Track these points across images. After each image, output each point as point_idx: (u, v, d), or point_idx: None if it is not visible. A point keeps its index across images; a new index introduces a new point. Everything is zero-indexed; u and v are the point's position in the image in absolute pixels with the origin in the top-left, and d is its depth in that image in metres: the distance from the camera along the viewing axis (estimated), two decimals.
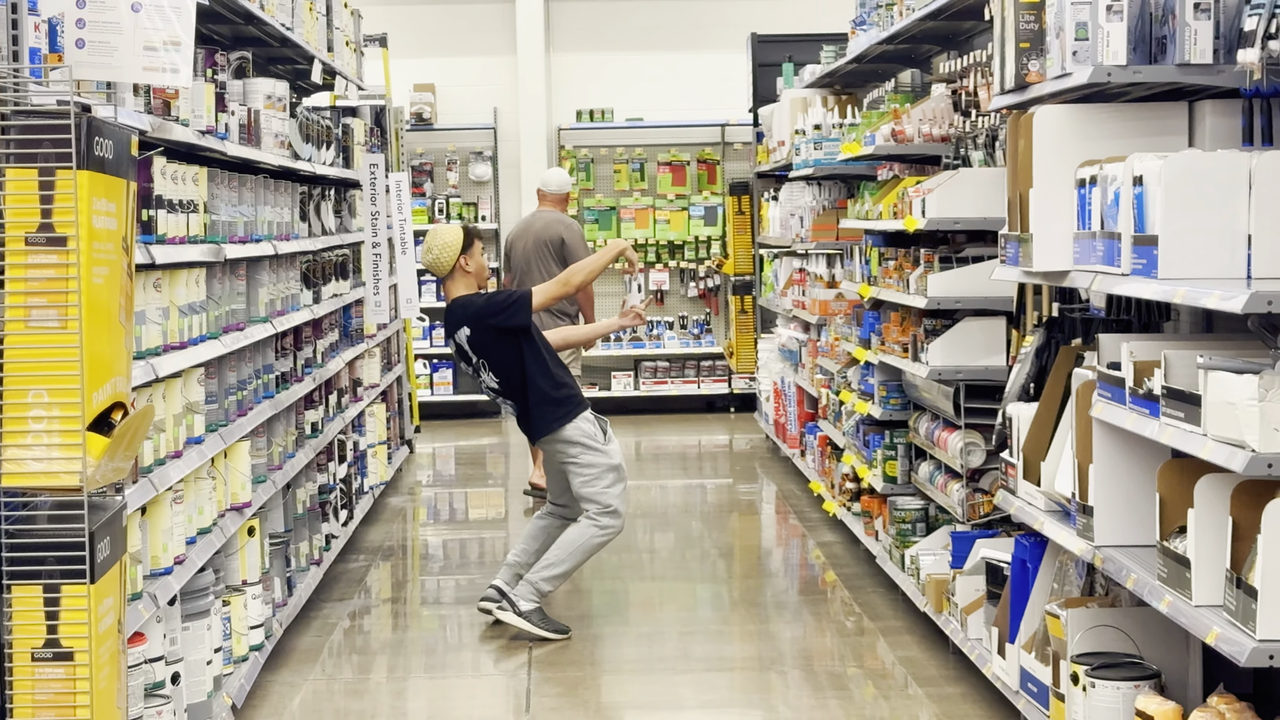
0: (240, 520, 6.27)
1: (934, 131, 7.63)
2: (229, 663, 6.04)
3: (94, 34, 4.28)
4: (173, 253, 5.37)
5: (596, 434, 7.51)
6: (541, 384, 7.44)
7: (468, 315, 7.44)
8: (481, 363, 7.50)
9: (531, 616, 7.39)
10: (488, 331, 7.40)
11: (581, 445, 7.47)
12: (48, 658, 3.95)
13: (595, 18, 15.43)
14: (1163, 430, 4.35)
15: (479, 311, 7.42)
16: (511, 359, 7.43)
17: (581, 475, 7.48)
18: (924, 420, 7.57)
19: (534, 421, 7.53)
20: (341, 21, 10.26)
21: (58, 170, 3.89)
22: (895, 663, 6.86)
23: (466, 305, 7.47)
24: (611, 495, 7.47)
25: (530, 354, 7.42)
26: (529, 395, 7.45)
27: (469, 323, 7.43)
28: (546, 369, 7.46)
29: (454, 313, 7.53)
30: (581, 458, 7.48)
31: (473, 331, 7.43)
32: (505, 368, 7.45)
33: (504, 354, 7.43)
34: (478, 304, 7.45)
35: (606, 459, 7.49)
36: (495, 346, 7.43)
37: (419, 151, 15.39)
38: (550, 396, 7.45)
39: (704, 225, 15.36)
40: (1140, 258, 4.55)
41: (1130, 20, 4.84)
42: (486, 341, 7.43)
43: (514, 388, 7.49)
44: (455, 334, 7.52)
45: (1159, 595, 4.43)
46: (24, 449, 3.90)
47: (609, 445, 7.54)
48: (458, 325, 7.49)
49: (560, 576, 7.50)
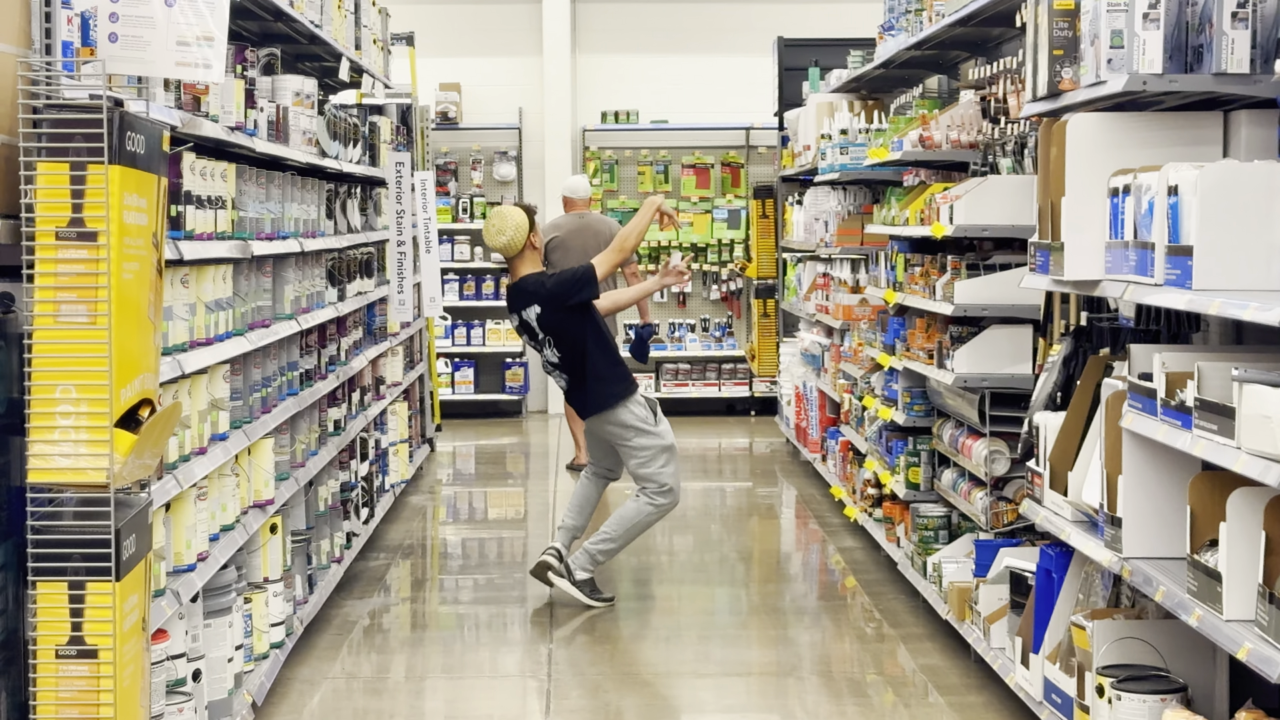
0: (263, 517, 6.25)
1: (962, 138, 7.59)
2: (250, 660, 6.03)
3: (127, 28, 4.26)
4: (200, 249, 5.36)
5: (648, 416, 7.96)
6: (600, 362, 7.91)
7: (540, 295, 7.86)
8: (548, 339, 7.93)
9: (583, 586, 7.91)
10: (559, 310, 7.84)
11: (635, 429, 7.93)
12: (72, 655, 3.93)
13: (621, 19, 15.41)
14: (1195, 442, 4.31)
15: (551, 291, 7.85)
16: (577, 335, 7.89)
17: (637, 457, 7.96)
18: (948, 427, 7.54)
19: (589, 397, 7.95)
20: (369, 20, 10.26)
21: (89, 165, 3.88)
22: (916, 670, 6.83)
23: (539, 285, 7.88)
24: (666, 474, 7.95)
25: (593, 332, 7.92)
26: (587, 371, 7.91)
27: (540, 302, 7.86)
28: (606, 348, 7.95)
29: (524, 291, 7.92)
30: (635, 440, 7.94)
31: (543, 309, 7.86)
32: (570, 343, 7.90)
33: (570, 330, 7.89)
34: (549, 285, 7.87)
35: (659, 440, 7.96)
36: (563, 323, 7.87)
37: (444, 150, 15.38)
38: (606, 375, 7.91)
39: (727, 228, 15.33)
40: (1174, 268, 4.51)
41: (1167, 28, 4.80)
42: (556, 319, 7.87)
43: (574, 363, 7.93)
44: (523, 311, 7.93)
45: (1189, 609, 4.39)
46: (51, 445, 3.88)
47: (660, 426, 7.99)
48: (527, 303, 7.90)
49: (615, 550, 8.04)
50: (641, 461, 7.98)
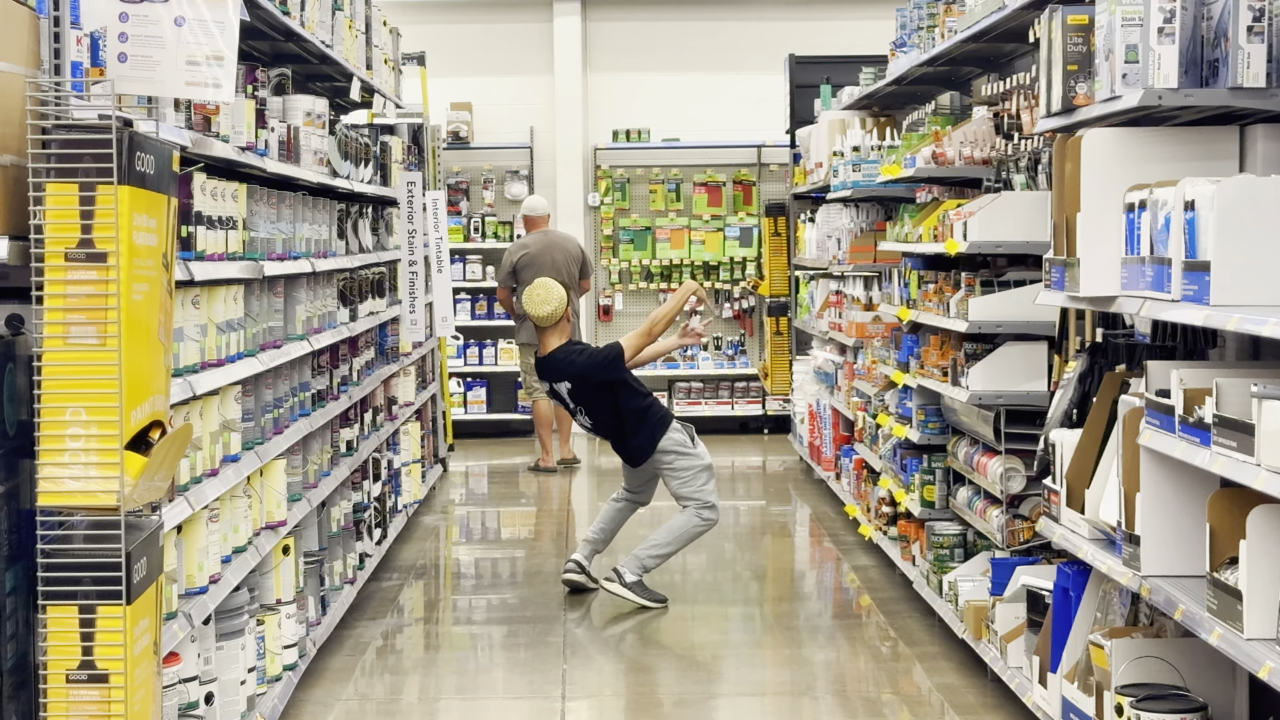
0: (275, 539, 6.23)
1: (975, 154, 7.56)
2: (262, 682, 6.00)
3: (136, 48, 4.25)
4: (211, 269, 5.34)
5: (685, 440, 8.47)
6: (633, 420, 8.42)
7: (570, 373, 8.42)
8: (579, 408, 8.54)
9: (634, 588, 8.33)
10: (587, 386, 8.40)
11: (675, 453, 8.45)
12: (82, 679, 3.91)
13: (633, 38, 15.40)
14: (1214, 459, 4.28)
15: (581, 370, 8.39)
16: (606, 401, 8.44)
17: (679, 478, 8.47)
18: (963, 445, 7.50)
19: (632, 452, 8.52)
20: (380, 39, 10.25)
21: (98, 185, 3.86)
22: (932, 689, 6.78)
23: (569, 363, 8.42)
24: (707, 492, 8.47)
25: (622, 394, 8.43)
26: (625, 432, 8.46)
27: (570, 379, 8.43)
28: (635, 402, 8.44)
29: (555, 366, 8.47)
30: (676, 463, 8.45)
31: (573, 386, 8.44)
32: (601, 411, 8.48)
33: (600, 400, 8.45)
34: (579, 363, 8.40)
35: (698, 461, 8.47)
36: (592, 396, 8.45)
37: (455, 170, 15.38)
38: (641, 428, 8.42)
39: (739, 246, 15.31)
40: (1191, 283, 4.47)
41: (1182, 42, 4.77)
42: (585, 393, 8.45)
43: (608, 426, 8.52)
44: (555, 384, 8.52)
45: (1208, 627, 4.35)
46: (61, 467, 3.86)
47: (697, 449, 8.51)
48: (559, 378, 8.48)
49: (664, 556, 8.49)
50: (683, 482, 8.46)
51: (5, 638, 3.86)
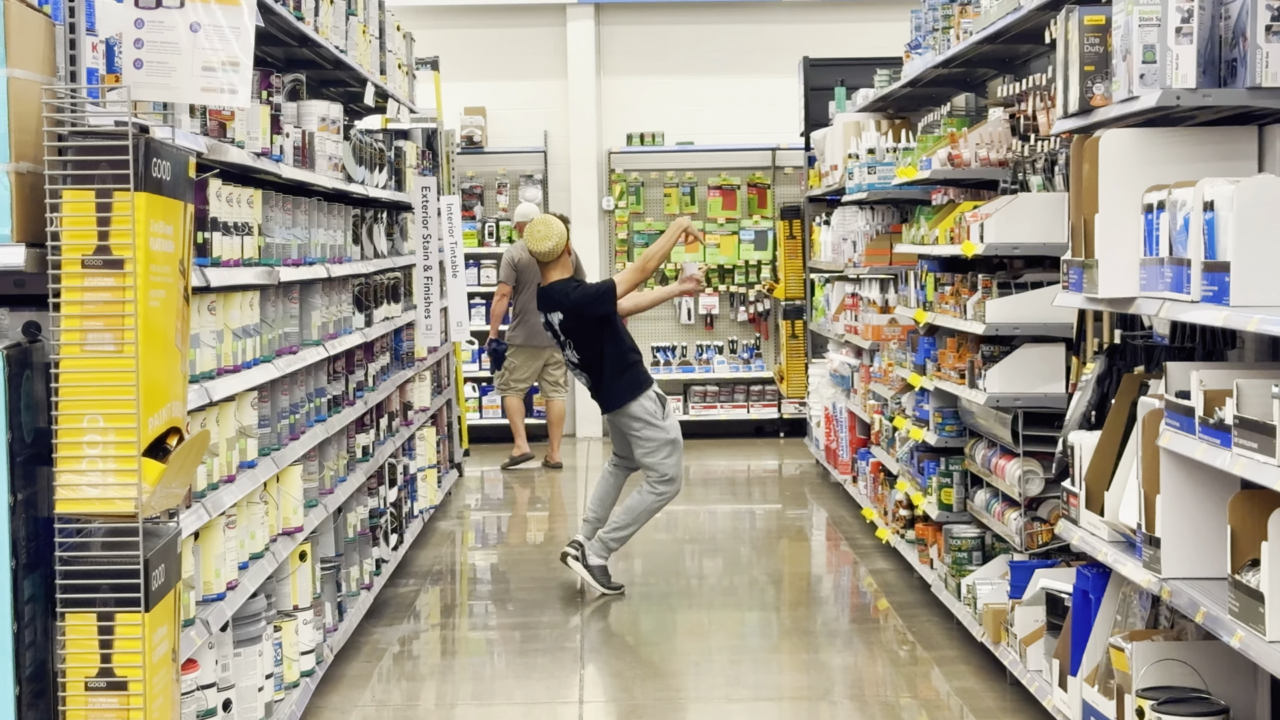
0: (292, 545, 6.22)
1: (991, 156, 7.54)
2: (280, 689, 5.99)
3: (152, 54, 4.23)
4: (227, 275, 5.33)
5: (657, 410, 8.69)
6: (614, 364, 8.66)
7: (565, 303, 8.66)
8: (569, 341, 8.75)
9: (595, 571, 8.64)
10: (579, 318, 8.64)
11: (643, 421, 8.67)
12: (101, 687, 3.89)
13: (646, 41, 15.39)
14: (1235, 461, 4.25)
15: (574, 301, 8.64)
16: (593, 340, 8.66)
17: (642, 446, 8.71)
18: (980, 447, 7.47)
19: (605, 395, 8.74)
20: (394, 44, 10.25)
21: (115, 192, 3.85)
22: (950, 693, 6.76)
23: (564, 294, 8.69)
24: (668, 465, 8.70)
25: (609, 337, 8.67)
26: (604, 372, 8.68)
27: (564, 309, 8.68)
28: (621, 352, 8.69)
29: (551, 296, 8.75)
30: (643, 432, 8.68)
31: (565, 317, 8.69)
32: (588, 347, 8.69)
33: (588, 336, 8.67)
34: (572, 296, 8.66)
35: (664, 434, 8.69)
36: (582, 329, 8.67)
37: (469, 174, 15.38)
38: (620, 375, 8.66)
39: (754, 249, 15.29)
40: (1211, 284, 4.45)
41: (1200, 42, 4.75)
42: (576, 325, 8.67)
43: (591, 364, 8.72)
44: (548, 314, 8.79)
45: (1230, 630, 4.32)
46: (79, 475, 3.84)
47: (667, 421, 8.73)
48: (553, 308, 8.74)
49: (626, 537, 8.75)
50: (647, 451, 8.70)
51: (24, 646, 3.85)
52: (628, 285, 8.65)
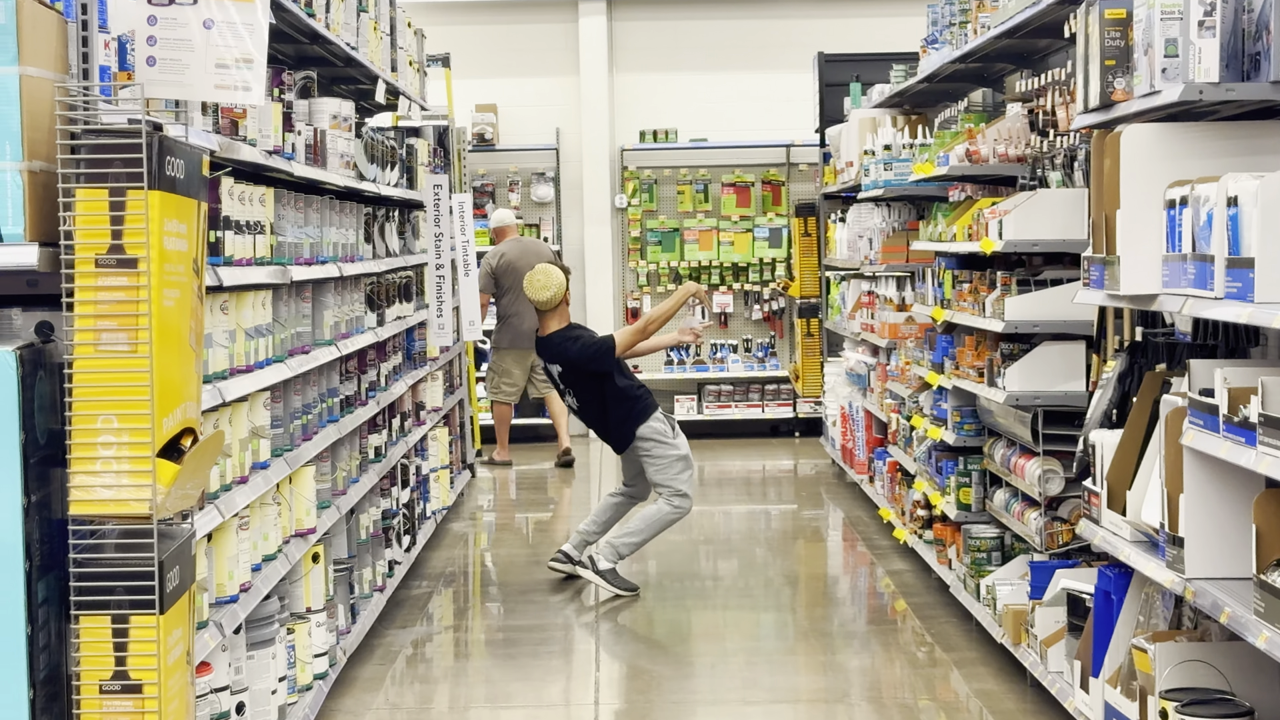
0: (305, 546, 6.18)
1: (1010, 151, 7.48)
2: (293, 692, 5.95)
3: (165, 51, 4.20)
4: (240, 274, 5.29)
5: (666, 430, 8.83)
6: (617, 410, 8.80)
7: (564, 357, 8.83)
8: (569, 390, 8.95)
9: (607, 575, 8.74)
10: (578, 372, 8.80)
11: (654, 441, 8.80)
12: (116, 690, 3.86)
13: (659, 37, 15.34)
14: (1260, 459, 4.20)
15: (573, 358, 8.79)
16: (594, 390, 8.83)
17: (655, 465, 8.82)
18: (999, 446, 7.41)
19: (614, 439, 8.92)
20: (405, 41, 10.21)
21: (128, 190, 3.81)
22: (970, 695, 6.71)
23: (563, 349, 8.83)
24: (681, 481, 8.82)
25: (610, 388, 8.79)
26: (608, 419, 8.85)
27: (562, 363, 8.84)
28: (621, 395, 8.80)
29: (551, 348, 8.89)
30: (654, 451, 8.81)
31: (564, 370, 8.86)
32: (588, 397, 8.87)
33: (588, 387, 8.84)
34: (572, 350, 8.79)
35: (675, 451, 8.83)
36: (582, 382, 8.85)
37: (481, 172, 15.33)
38: (625, 419, 8.79)
39: (769, 247, 15.24)
40: (1235, 280, 4.40)
41: (1223, 36, 4.70)
42: (575, 378, 8.85)
43: (594, 413, 8.90)
44: (549, 365, 8.96)
45: (1256, 630, 4.27)
46: (93, 476, 3.81)
47: (677, 439, 8.87)
48: (553, 360, 8.91)
49: (637, 544, 8.86)
50: (659, 469, 8.82)
51: (38, 648, 3.81)
52: (625, 346, 8.80)
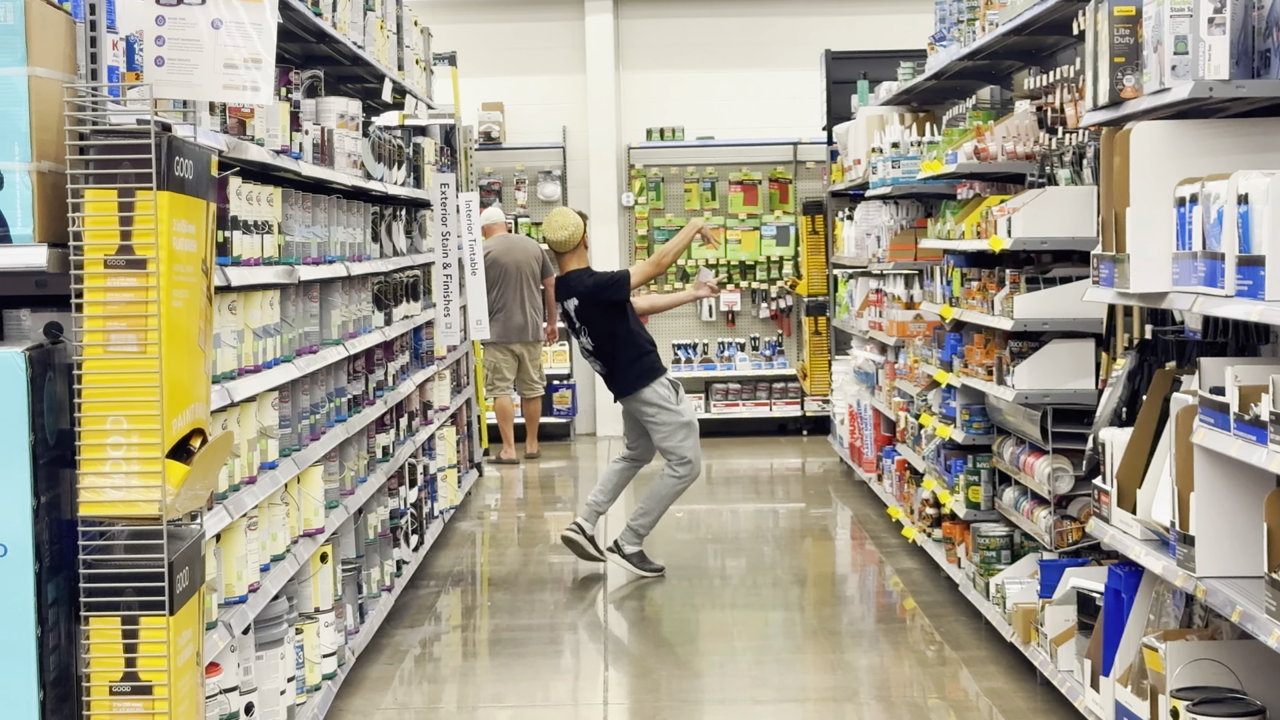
0: (313, 546, 6.17)
1: (1018, 149, 7.46)
2: (302, 692, 5.94)
3: (173, 51, 4.19)
4: (248, 274, 5.29)
5: (670, 396, 9.03)
6: (628, 351, 9.01)
7: (580, 290, 9.07)
8: (583, 327, 9.13)
9: (633, 559, 8.98)
10: (595, 305, 9.03)
11: (658, 406, 9.00)
12: (126, 691, 3.85)
13: (665, 35, 15.32)
14: (1271, 458, 4.19)
15: (589, 288, 9.05)
16: (607, 328, 9.03)
17: (659, 431, 9.04)
18: (1008, 445, 7.40)
19: (619, 381, 9.07)
20: (412, 40, 10.20)
21: (137, 191, 3.80)
22: (979, 694, 6.69)
23: (580, 281, 9.10)
24: (686, 448, 9.02)
25: (621, 326, 9.04)
26: (617, 359, 9.04)
27: (579, 296, 9.07)
28: (633, 340, 9.04)
29: (568, 284, 9.15)
30: (659, 417, 9.01)
31: (580, 303, 9.07)
32: (601, 334, 9.05)
33: (602, 323, 9.05)
34: (588, 282, 9.07)
35: (680, 417, 9.03)
36: (597, 317, 9.05)
37: (487, 171, 15.33)
38: (634, 362, 9.00)
39: (776, 245, 15.22)
40: (1245, 278, 4.38)
41: (1232, 33, 4.68)
42: (591, 312, 9.06)
43: (605, 351, 9.08)
44: (565, 302, 9.18)
45: (1267, 629, 4.26)
46: (102, 477, 3.80)
47: (681, 405, 9.07)
48: (569, 295, 9.14)
49: (652, 521, 9.09)
50: (664, 435, 9.03)
51: (48, 650, 3.81)
52: (642, 277, 9.10)
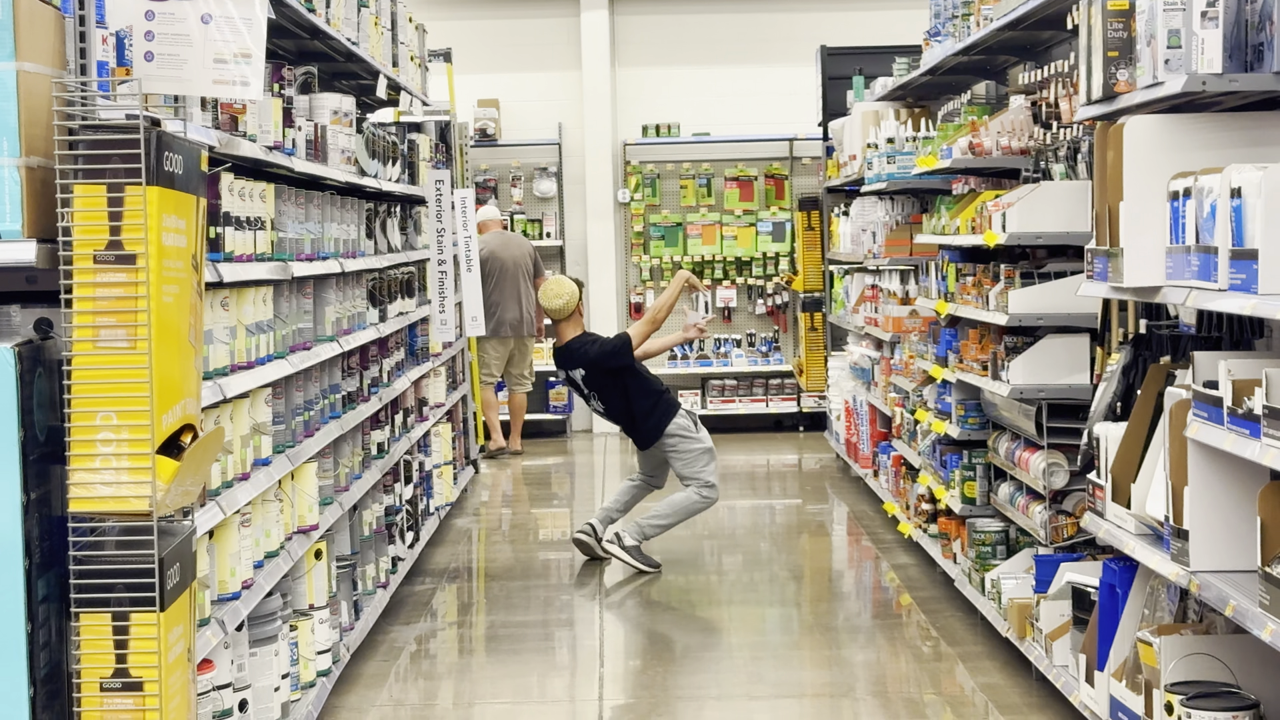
0: (307, 543, 6.16)
1: (1013, 144, 7.45)
2: (296, 689, 5.94)
3: (163, 46, 4.18)
4: (240, 270, 5.28)
5: (689, 425, 9.30)
6: (643, 402, 9.24)
7: (585, 360, 9.27)
8: (593, 394, 9.38)
9: (632, 551, 9.14)
10: (601, 373, 9.24)
11: (679, 436, 9.28)
12: (116, 688, 3.84)
13: (661, 31, 15.31)
14: (1264, 451, 4.18)
15: (594, 358, 9.24)
16: (617, 389, 9.25)
17: (681, 459, 9.30)
18: (1004, 440, 7.39)
19: (642, 434, 9.31)
20: (406, 36, 10.19)
21: (127, 186, 3.79)
22: (975, 689, 6.69)
23: (584, 351, 9.29)
24: (708, 473, 9.31)
25: (632, 381, 9.26)
26: (634, 414, 9.26)
27: (585, 366, 9.27)
28: (645, 388, 9.27)
29: (571, 355, 9.34)
30: (680, 446, 9.28)
31: (587, 373, 9.28)
32: (613, 396, 9.29)
33: (612, 385, 9.27)
34: (592, 352, 9.25)
35: (700, 444, 9.30)
36: (606, 383, 9.29)
37: (483, 168, 15.32)
38: (652, 411, 9.23)
39: (772, 241, 15.21)
40: (1239, 272, 4.38)
41: (1226, 27, 4.68)
42: (598, 380, 9.29)
43: (620, 409, 9.33)
44: (570, 372, 9.38)
45: (1261, 623, 4.25)
46: (92, 473, 3.79)
47: (700, 433, 9.34)
48: (574, 366, 9.34)
49: (664, 527, 9.31)
50: (686, 463, 9.27)
51: (38, 646, 3.80)
52: (640, 337, 9.28)
